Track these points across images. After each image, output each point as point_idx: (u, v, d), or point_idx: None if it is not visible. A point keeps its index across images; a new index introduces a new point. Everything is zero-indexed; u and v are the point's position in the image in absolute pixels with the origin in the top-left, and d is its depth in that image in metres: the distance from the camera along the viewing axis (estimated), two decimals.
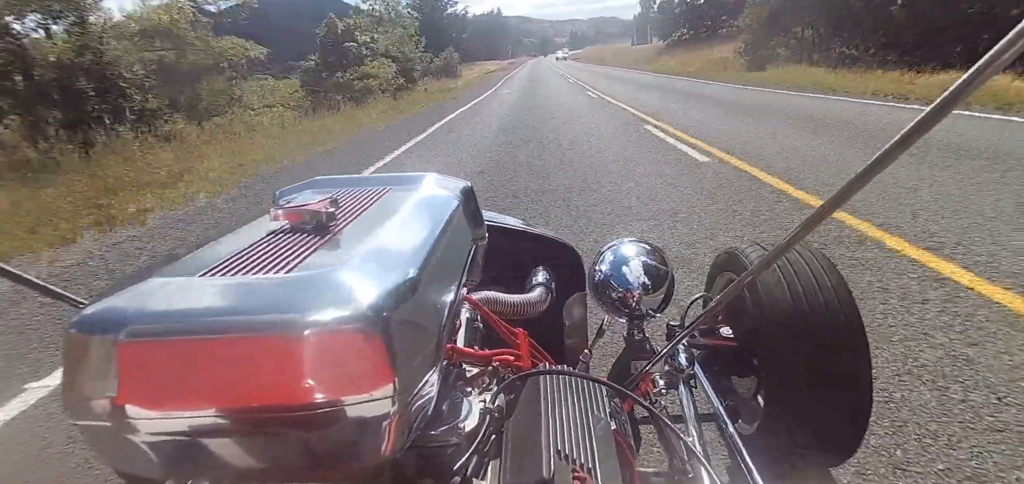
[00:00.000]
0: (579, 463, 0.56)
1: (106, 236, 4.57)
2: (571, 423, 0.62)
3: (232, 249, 0.65)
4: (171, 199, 5.62)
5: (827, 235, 3.20)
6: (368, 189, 0.95)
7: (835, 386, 1.11)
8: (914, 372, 1.89)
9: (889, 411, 1.71)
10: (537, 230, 1.30)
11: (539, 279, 1.12)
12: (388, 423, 0.50)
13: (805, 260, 1.20)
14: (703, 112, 10.04)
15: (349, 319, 0.49)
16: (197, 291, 0.54)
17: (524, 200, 4.64)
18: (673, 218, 3.81)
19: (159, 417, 0.49)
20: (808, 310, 1.12)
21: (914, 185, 4.05)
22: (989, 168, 4.44)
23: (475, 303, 0.91)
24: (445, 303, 0.70)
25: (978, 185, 3.99)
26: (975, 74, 0.39)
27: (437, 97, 20.16)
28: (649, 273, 1.19)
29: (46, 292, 0.75)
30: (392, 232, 0.72)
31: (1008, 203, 3.56)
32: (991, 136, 5.70)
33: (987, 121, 6.59)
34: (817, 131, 7.06)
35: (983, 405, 1.70)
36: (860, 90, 11.07)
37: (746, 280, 0.70)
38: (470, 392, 0.72)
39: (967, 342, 2.04)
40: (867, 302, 2.37)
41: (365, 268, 0.57)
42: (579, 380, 0.72)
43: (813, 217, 0.56)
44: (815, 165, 5.13)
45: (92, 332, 0.50)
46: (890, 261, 2.82)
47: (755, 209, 3.92)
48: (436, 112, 14.10)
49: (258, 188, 6.09)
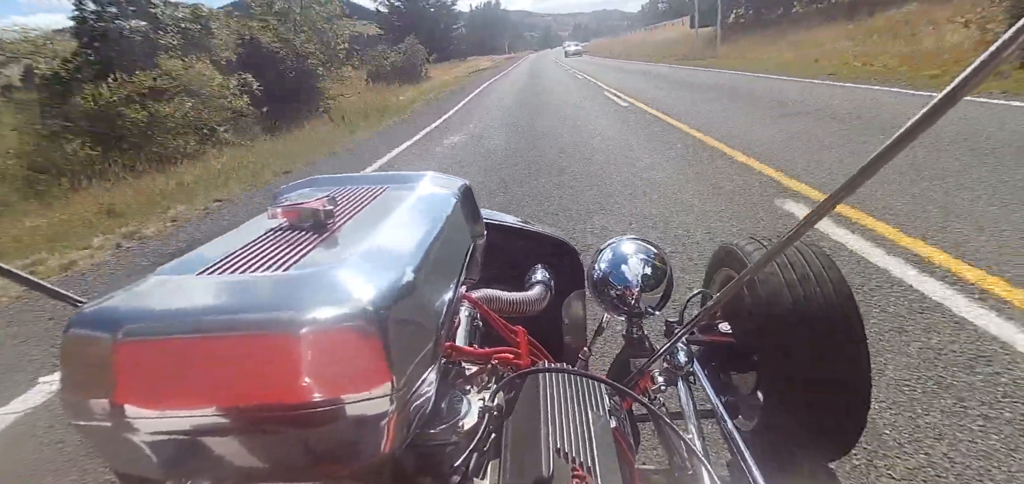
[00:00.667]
0: (578, 461, 0.57)
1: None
2: (570, 421, 0.63)
3: (230, 247, 0.65)
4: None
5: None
6: (366, 188, 0.95)
7: (834, 381, 1.13)
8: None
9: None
10: (536, 228, 1.31)
11: (538, 277, 1.13)
12: (387, 422, 0.50)
13: (803, 256, 1.21)
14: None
15: (347, 317, 0.49)
16: (195, 290, 0.54)
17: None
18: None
19: (157, 416, 0.49)
20: (807, 306, 1.13)
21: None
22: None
23: (474, 301, 0.92)
24: (444, 301, 0.70)
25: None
26: (983, 64, 0.38)
27: (317, 147, 9.22)
28: (648, 270, 1.19)
29: (45, 291, 0.74)
30: (390, 230, 0.71)
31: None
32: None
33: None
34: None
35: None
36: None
37: (746, 277, 0.69)
38: (469, 390, 0.71)
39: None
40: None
41: (363, 266, 0.57)
42: (578, 378, 0.73)
43: (812, 214, 0.55)
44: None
45: (90, 331, 0.50)
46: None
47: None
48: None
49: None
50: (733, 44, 24.36)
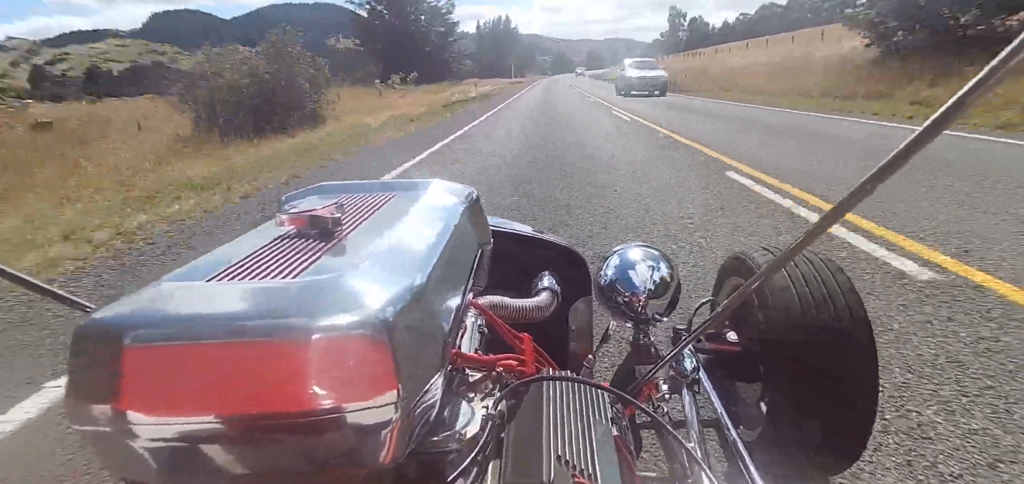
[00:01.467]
0: (580, 468, 0.57)
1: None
2: (572, 428, 0.63)
3: (238, 254, 0.65)
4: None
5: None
6: (373, 195, 0.95)
7: (839, 394, 1.11)
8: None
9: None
10: (542, 235, 1.30)
11: (545, 284, 1.13)
12: (391, 429, 0.50)
13: (814, 266, 1.20)
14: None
15: (355, 325, 0.49)
16: (204, 296, 0.54)
17: None
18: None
19: (164, 423, 0.48)
20: (816, 316, 1.12)
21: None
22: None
23: (481, 308, 0.92)
24: (450, 309, 0.70)
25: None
26: (986, 77, 0.38)
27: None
28: (655, 277, 1.18)
29: (53, 296, 0.73)
30: (398, 238, 0.72)
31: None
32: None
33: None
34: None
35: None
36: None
37: (752, 286, 0.68)
38: (473, 398, 0.71)
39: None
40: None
41: (371, 274, 0.57)
42: (581, 386, 0.72)
43: (820, 224, 0.55)
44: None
45: (99, 337, 0.50)
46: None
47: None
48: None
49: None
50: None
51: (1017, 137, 7.16)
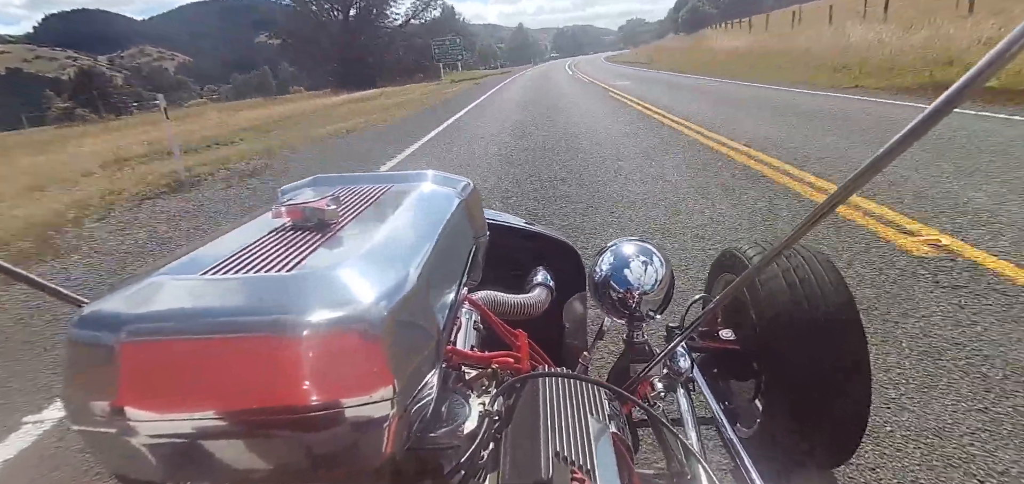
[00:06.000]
0: (577, 465, 0.56)
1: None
2: (570, 425, 0.62)
3: (235, 247, 0.65)
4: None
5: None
6: (369, 187, 0.95)
7: (834, 389, 1.12)
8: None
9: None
10: (537, 228, 1.30)
11: (539, 279, 1.13)
12: (388, 425, 0.50)
13: (806, 260, 1.21)
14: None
15: (350, 321, 0.49)
16: (200, 290, 0.54)
17: None
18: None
19: (160, 419, 0.48)
20: (808, 312, 1.13)
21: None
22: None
23: (475, 303, 0.91)
24: (446, 304, 0.70)
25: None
26: (980, 70, 0.38)
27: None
28: (649, 274, 1.18)
29: (46, 290, 0.73)
30: (393, 231, 0.71)
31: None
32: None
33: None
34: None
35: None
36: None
37: (744, 280, 0.69)
38: (469, 394, 0.71)
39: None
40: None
41: (366, 269, 0.57)
42: (578, 382, 0.72)
43: (811, 217, 0.55)
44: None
45: (93, 333, 0.49)
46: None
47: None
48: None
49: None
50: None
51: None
